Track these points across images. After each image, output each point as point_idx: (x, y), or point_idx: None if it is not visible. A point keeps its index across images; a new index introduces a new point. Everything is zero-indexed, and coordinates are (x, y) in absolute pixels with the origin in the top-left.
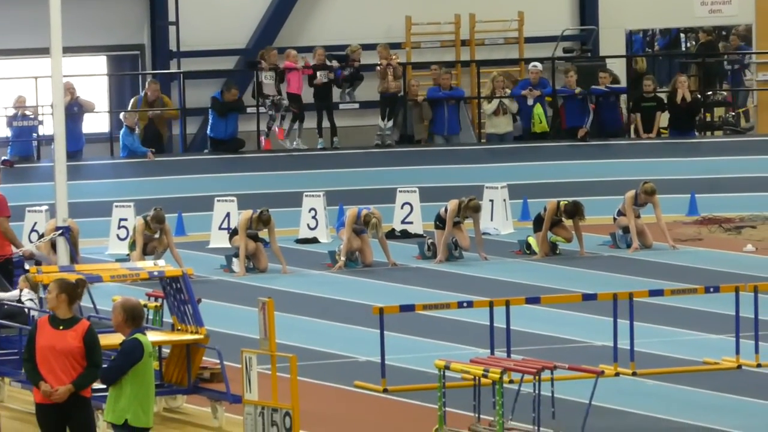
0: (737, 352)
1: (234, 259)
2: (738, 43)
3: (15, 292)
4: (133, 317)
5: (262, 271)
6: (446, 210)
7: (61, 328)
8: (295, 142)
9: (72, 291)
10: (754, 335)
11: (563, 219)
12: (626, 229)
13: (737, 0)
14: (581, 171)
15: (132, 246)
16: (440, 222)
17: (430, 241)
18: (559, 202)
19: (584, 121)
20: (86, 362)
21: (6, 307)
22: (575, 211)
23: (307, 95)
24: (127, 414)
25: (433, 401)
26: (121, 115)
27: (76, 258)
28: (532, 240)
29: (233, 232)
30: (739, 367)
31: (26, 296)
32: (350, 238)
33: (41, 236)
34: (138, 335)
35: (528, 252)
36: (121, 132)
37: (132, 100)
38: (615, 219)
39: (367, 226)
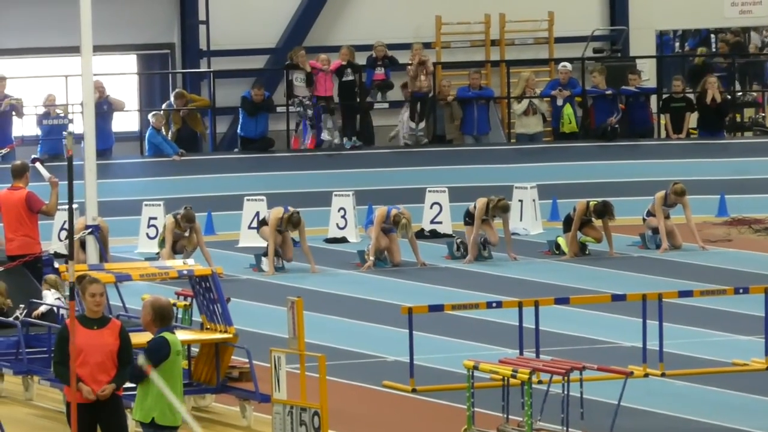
0: (767, 353)
1: (263, 259)
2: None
3: (48, 300)
4: (161, 317)
5: (287, 261)
6: (475, 207)
7: (95, 327)
8: (326, 135)
9: None
10: None
11: (593, 219)
12: (656, 230)
13: None
14: (610, 171)
15: (162, 244)
16: (469, 218)
17: (459, 240)
18: (588, 203)
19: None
20: (119, 360)
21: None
22: (605, 212)
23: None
24: (154, 412)
25: (461, 401)
26: (150, 116)
27: (106, 256)
28: (561, 240)
29: (262, 222)
30: None
31: (51, 297)
32: (378, 238)
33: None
34: (165, 333)
35: (557, 252)
36: (148, 132)
37: (163, 106)
38: (644, 219)
39: (397, 226)
